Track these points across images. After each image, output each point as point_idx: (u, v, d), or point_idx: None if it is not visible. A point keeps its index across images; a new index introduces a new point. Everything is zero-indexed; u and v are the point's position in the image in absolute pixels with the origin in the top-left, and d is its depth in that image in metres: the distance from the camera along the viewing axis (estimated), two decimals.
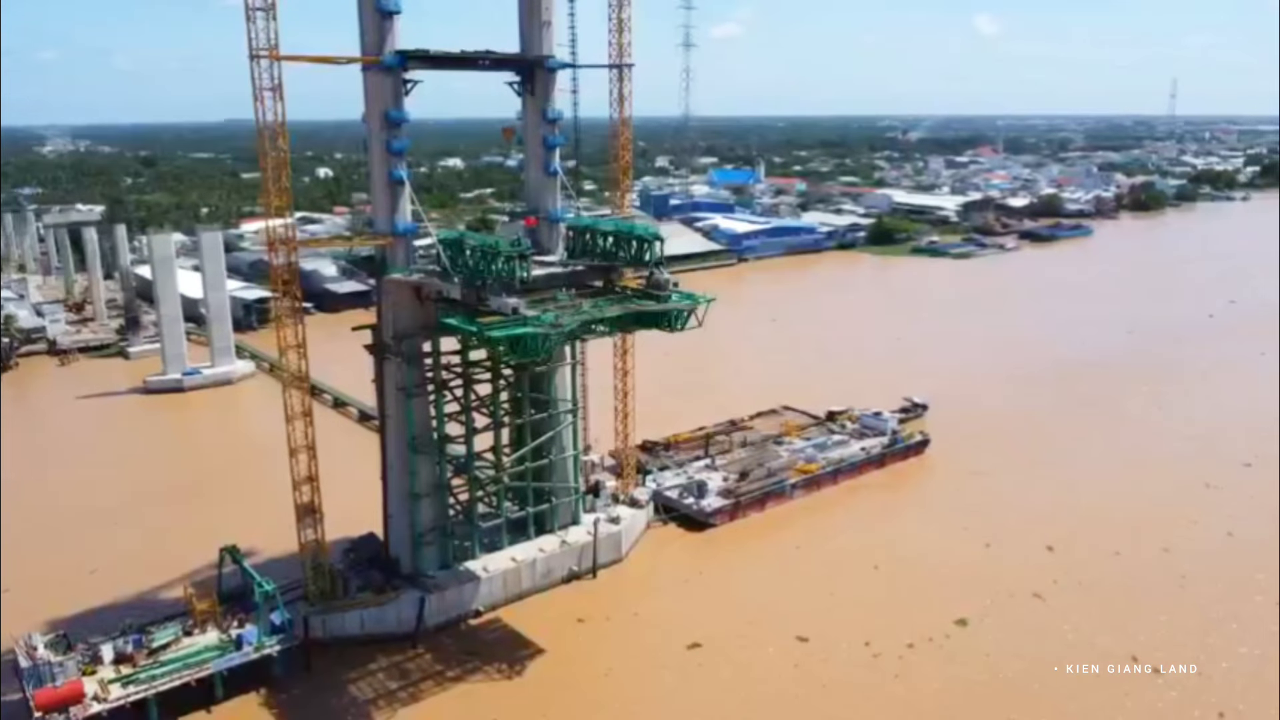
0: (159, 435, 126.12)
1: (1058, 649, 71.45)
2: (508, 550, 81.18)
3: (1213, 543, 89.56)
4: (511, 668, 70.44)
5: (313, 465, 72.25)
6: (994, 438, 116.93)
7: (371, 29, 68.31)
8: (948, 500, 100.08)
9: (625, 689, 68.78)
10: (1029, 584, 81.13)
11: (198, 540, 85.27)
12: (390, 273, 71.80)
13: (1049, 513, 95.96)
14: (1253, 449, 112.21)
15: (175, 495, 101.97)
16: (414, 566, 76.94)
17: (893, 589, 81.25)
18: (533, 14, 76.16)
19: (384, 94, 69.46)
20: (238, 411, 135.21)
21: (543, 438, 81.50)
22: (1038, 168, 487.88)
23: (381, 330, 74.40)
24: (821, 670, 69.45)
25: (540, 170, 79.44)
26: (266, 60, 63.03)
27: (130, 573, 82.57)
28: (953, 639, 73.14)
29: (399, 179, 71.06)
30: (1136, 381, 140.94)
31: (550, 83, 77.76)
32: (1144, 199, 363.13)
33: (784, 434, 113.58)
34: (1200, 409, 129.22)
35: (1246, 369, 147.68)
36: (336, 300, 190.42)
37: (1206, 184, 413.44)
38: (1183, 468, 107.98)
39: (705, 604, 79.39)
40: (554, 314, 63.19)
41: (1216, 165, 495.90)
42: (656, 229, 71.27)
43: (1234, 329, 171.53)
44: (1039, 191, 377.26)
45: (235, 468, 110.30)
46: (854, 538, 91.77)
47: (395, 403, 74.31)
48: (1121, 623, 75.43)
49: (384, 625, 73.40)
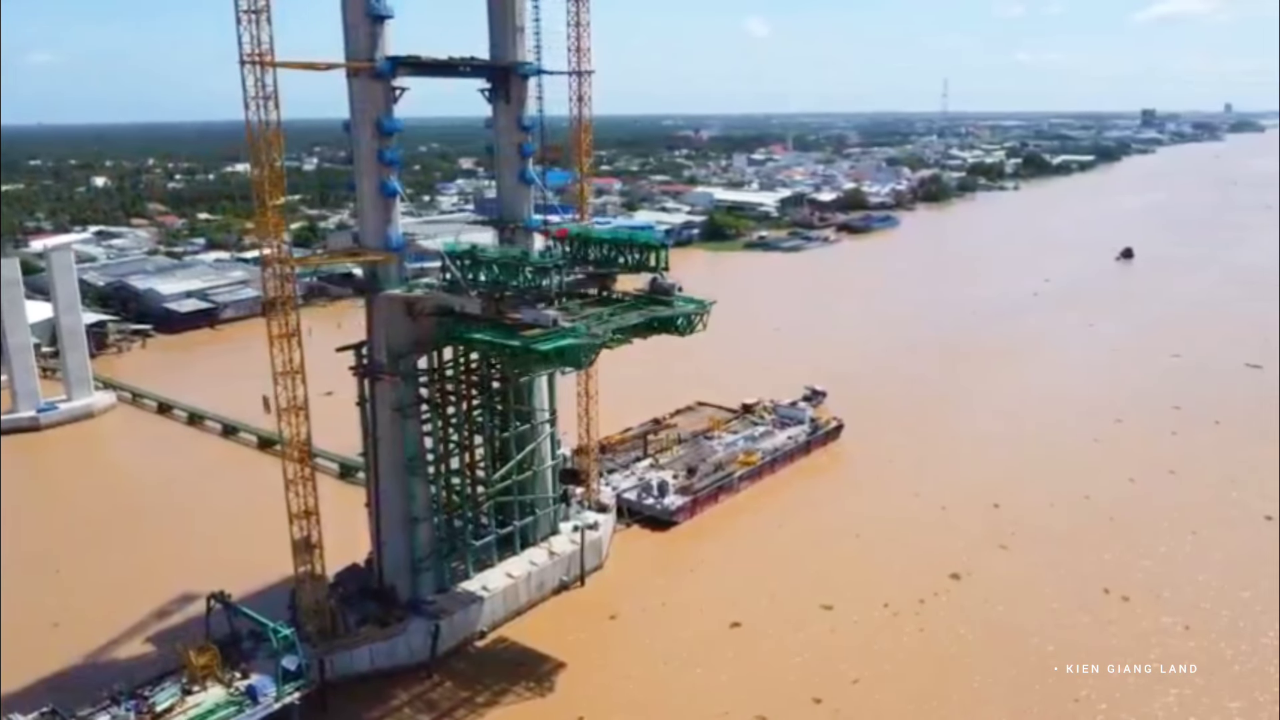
0: (34, 481, 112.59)
1: (1043, 591, 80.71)
2: (500, 567, 79.43)
3: (1121, 488, 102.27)
4: (540, 684, 69.29)
5: (309, 498, 67.86)
6: (893, 415, 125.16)
7: (361, 33, 64.99)
8: (885, 473, 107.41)
9: (671, 678, 70.11)
10: (992, 538, 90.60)
11: (142, 585, 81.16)
12: (385, 289, 68.58)
13: (976, 475, 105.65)
14: (1117, 407, 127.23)
15: (90, 542, 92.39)
16: (412, 593, 73.83)
17: (880, 554, 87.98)
18: (505, 19, 74.73)
19: (375, 101, 66.35)
20: (113, 448, 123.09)
21: (527, 449, 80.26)
22: (828, 164, 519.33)
23: (373, 350, 70.87)
24: (856, 631, 75.38)
25: (514, 178, 78.21)
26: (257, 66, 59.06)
27: (92, 624, 75.66)
28: (953, 591, 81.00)
29: (393, 191, 68.09)
30: (997, 354, 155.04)
31: (524, 89, 76.62)
32: (934, 191, 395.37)
33: (711, 429, 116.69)
34: (1059, 375, 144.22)
35: (1086, 338, 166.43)
36: (178, 321, 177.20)
37: (981, 176, 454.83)
38: (1068, 426, 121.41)
39: (720, 590, 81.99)
40: (586, 323, 62.80)
41: (980, 158, 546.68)
42: (661, 236, 71.75)
43: (1059, 303, 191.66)
44: (840, 186, 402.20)
45: (140, 509, 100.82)
46: (823, 514, 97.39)
47: (389, 425, 71.05)
48: (1082, 562, 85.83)
49: (395, 658, 70.16)
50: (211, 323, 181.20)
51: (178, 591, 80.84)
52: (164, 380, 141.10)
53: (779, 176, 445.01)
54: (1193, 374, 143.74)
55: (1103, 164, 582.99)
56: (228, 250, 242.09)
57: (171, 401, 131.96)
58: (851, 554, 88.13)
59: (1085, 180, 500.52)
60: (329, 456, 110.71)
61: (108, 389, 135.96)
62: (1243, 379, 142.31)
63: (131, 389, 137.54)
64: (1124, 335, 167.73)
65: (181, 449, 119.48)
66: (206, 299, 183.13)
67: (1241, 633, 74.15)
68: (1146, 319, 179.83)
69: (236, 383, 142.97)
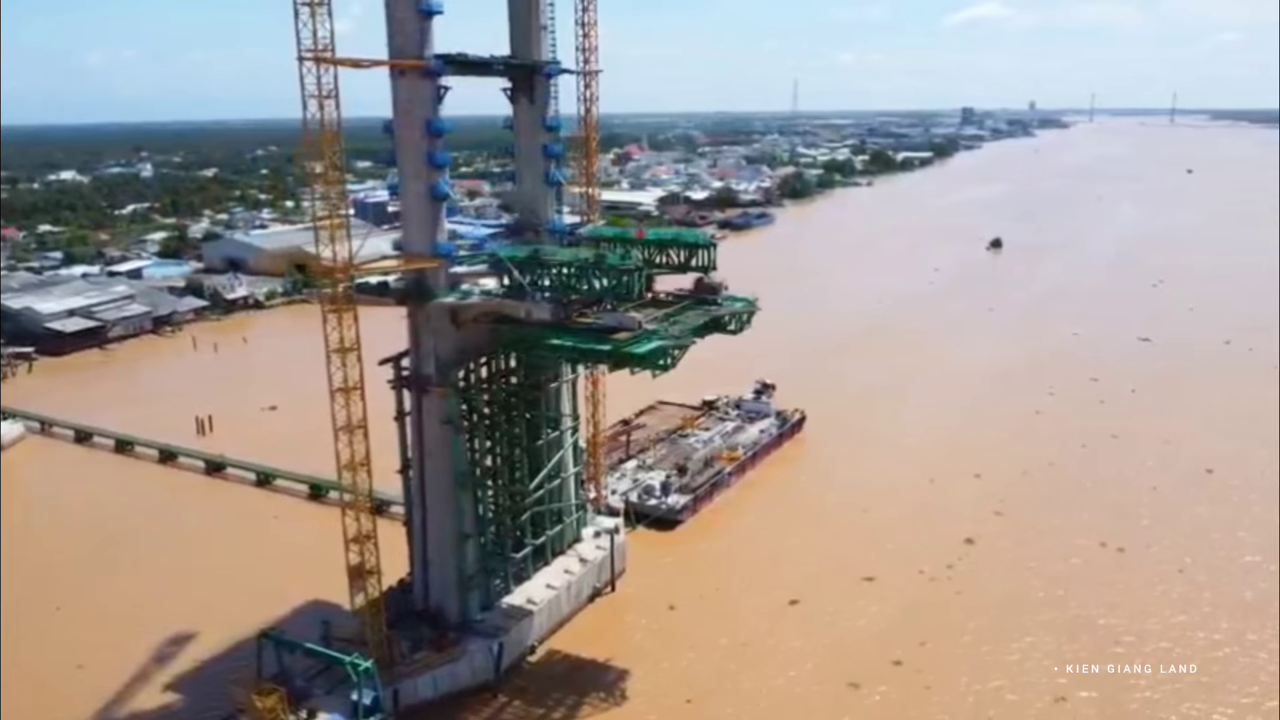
0: None
1: (1048, 549, 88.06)
2: (537, 579, 77.41)
3: (1077, 453, 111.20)
4: (611, 691, 68.30)
5: (364, 518, 64.21)
6: (838, 403, 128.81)
7: (410, 30, 61.88)
8: (860, 456, 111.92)
9: (751, 656, 71.92)
10: (985, 505, 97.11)
11: (145, 624, 77.18)
12: (437, 298, 65.59)
13: (946, 451, 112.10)
14: (1043, 382, 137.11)
15: (69, 583, 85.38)
16: (462, 613, 70.98)
17: (892, 526, 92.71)
18: (528, 18, 72.74)
19: (423, 101, 63.30)
20: (44, 484, 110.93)
21: (557, 456, 78.54)
22: (687, 163, 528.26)
23: (419, 361, 67.63)
24: (902, 598, 79.88)
25: (538, 180, 76.11)
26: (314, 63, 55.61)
27: (115, 666, 70.72)
28: (973, 555, 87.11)
29: (442, 194, 65.15)
30: (917, 340, 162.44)
31: (548, 89, 74.82)
32: (798, 188, 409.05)
33: (684, 427, 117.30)
34: (980, 356, 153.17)
35: (991, 321, 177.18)
36: (62, 342, 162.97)
37: (835, 172, 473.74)
38: (1008, 401, 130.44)
39: (760, 574, 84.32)
40: (663, 325, 62.21)
41: (827, 156, 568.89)
42: (708, 235, 71.53)
43: (953, 290, 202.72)
44: (708, 185, 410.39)
45: (105, 546, 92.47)
46: (820, 497, 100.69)
47: (439, 438, 67.92)
48: (1071, 522, 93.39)
49: (458, 681, 67.46)
50: (100, 343, 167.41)
51: (187, 627, 76.10)
52: (63, 406, 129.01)
53: (646, 176, 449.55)
54: (1094, 349, 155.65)
55: (938, 160, 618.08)
56: (90, 264, 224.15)
57: (91, 429, 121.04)
58: (867, 529, 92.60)
59: (928, 175, 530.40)
60: (295, 477, 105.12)
61: (13, 419, 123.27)
62: (1138, 351, 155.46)
63: (40, 418, 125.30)
64: (1021, 317, 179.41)
65: (119, 480, 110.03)
66: (92, 317, 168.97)
67: (1228, 569, 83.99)
68: (1035, 302, 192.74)
69: (149, 405, 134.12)
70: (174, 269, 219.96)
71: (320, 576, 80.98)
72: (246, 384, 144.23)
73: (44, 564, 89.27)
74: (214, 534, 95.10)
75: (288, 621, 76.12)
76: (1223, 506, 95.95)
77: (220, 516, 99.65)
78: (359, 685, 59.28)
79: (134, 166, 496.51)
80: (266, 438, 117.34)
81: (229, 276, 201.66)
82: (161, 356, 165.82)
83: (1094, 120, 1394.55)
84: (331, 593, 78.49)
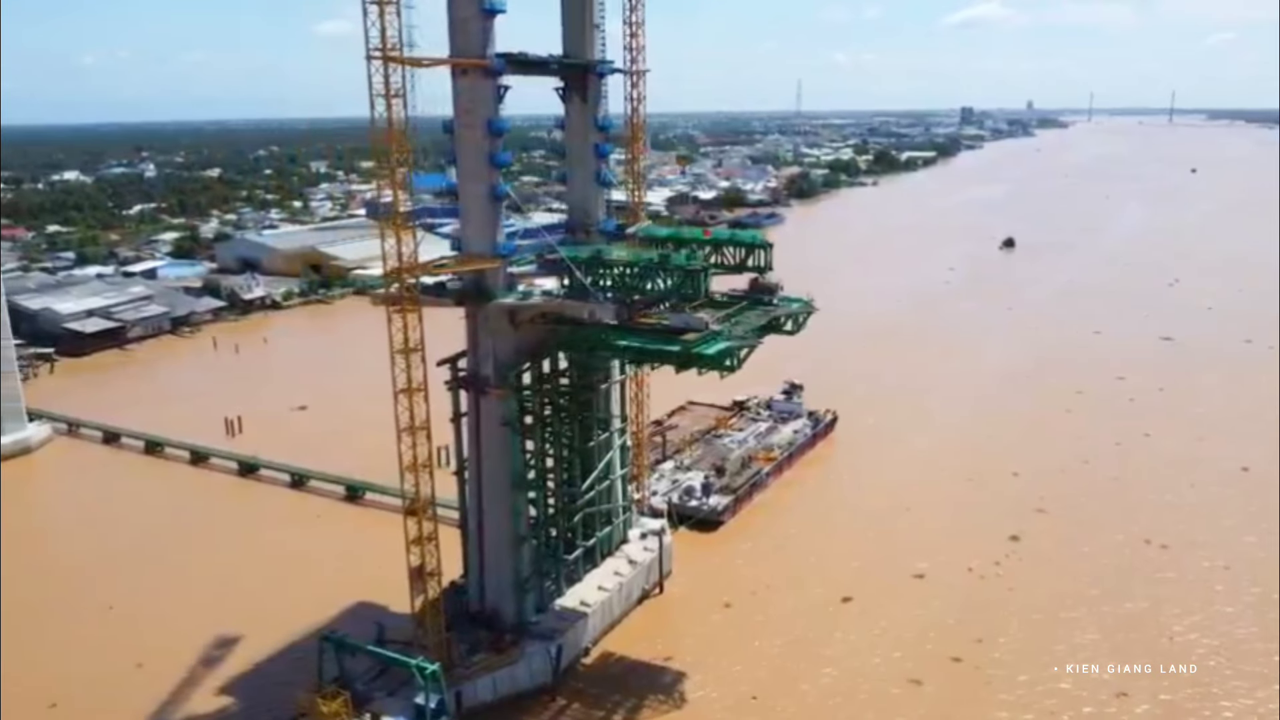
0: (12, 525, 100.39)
1: (1092, 546, 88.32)
2: (588, 581, 77.11)
3: (1111, 451, 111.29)
4: (670, 691, 68.04)
5: (424, 522, 63.77)
6: (867, 402, 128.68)
7: (472, 30, 61.53)
8: (894, 455, 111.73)
9: (810, 653, 72.22)
10: (1026, 503, 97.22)
11: (191, 624, 77.16)
12: (496, 298, 65.20)
13: (980, 449, 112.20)
14: (1070, 380, 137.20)
15: (110, 585, 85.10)
16: (518, 615, 70.61)
17: (936, 525, 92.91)
18: (582, 17, 72.37)
19: (485, 101, 62.90)
20: (69, 486, 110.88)
21: (607, 457, 78.20)
22: (691, 163, 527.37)
23: (477, 362, 67.24)
24: (954, 595, 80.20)
25: (589, 179, 75.77)
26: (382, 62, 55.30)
27: (172, 666, 71.01)
28: (1020, 551, 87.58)
29: (503, 193, 64.76)
30: (941, 338, 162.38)
31: (600, 88, 74.47)
32: (804, 188, 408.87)
33: (718, 427, 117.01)
34: (1004, 355, 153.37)
35: (1011, 320, 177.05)
36: (83, 342, 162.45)
37: (840, 172, 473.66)
38: (1038, 399, 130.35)
39: (808, 572, 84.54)
40: (727, 326, 61.91)
41: (830, 156, 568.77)
42: (763, 235, 71.07)
43: (970, 289, 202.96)
44: (715, 184, 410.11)
45: (142, 548, 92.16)
46: (863, 496, 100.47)
47: (498, 440, 67.55)
48: (1111, 518, 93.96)
49: (516, 684, 67.13)
50: (120, 343, 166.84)
51: (236, 627, 76.35)
52: (88, 407, 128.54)
53: (652, 175, 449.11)
54: (1117, 348, 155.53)
55: (941, 159, 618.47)
56: (104, 264, 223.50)
57: (120, 430, 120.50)
58: (911, 527, 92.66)
59: (933, 174, 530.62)
60: (331, 478, 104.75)
61: (41, 420, 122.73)
62: (1161, 350, 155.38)
63: (67, 419, 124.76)
64: (1041, 317, 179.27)
65: (153, 481, 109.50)
66: (111, 317, 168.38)
67: (1271, 565, 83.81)
68: (1053, 301, 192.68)
69: (175, 406, 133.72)
70: (188, 269, 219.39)
71: (362, 578, 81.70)
72: (272, 384, 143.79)
73: (88, 564, 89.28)
74: (253, 535, 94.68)
75: (335, 624, 75.85)
76: (1262, 504, 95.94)
77: (258, 518, 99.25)
78: (425, 688, 58.91)
79: (137, 167, 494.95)
80: (298, 438, 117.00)
81: (246, 277, 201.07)
82: (182, 357, 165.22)
83: (1092, 120, 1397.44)
84: (376, 594, 78.94)
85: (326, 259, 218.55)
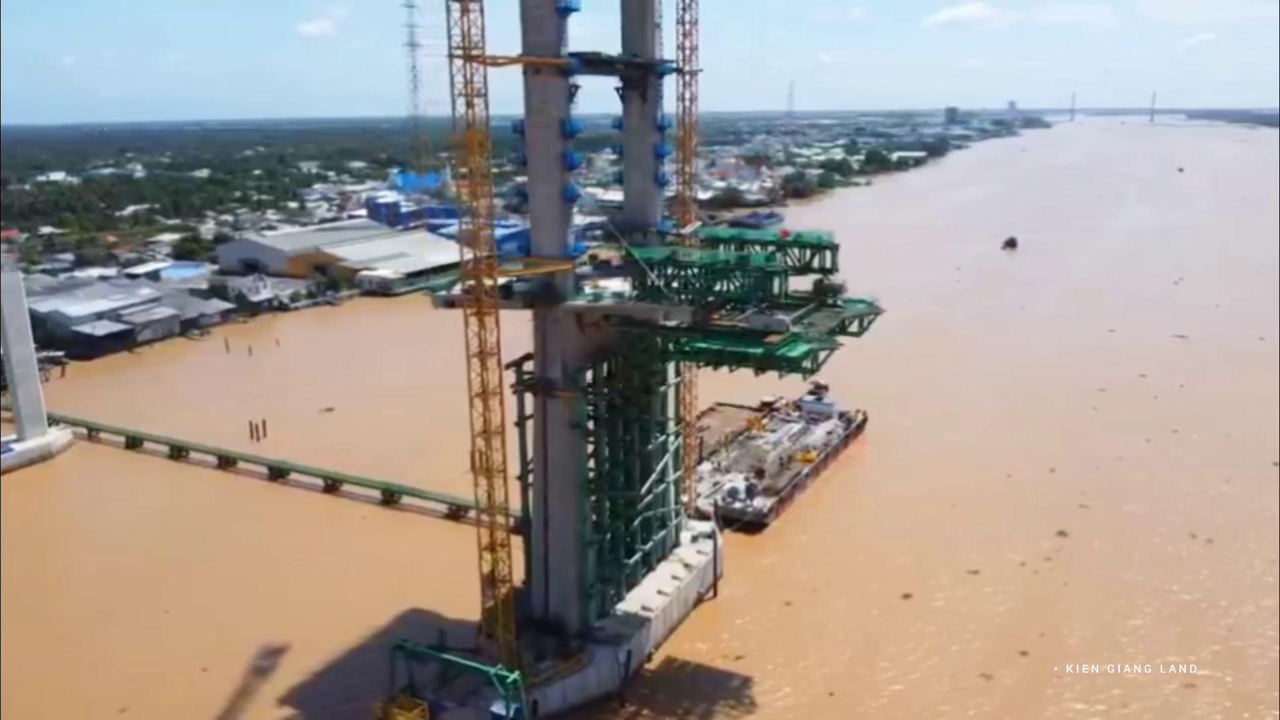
0: (40, 532, 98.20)
1: (1139, 541, 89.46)
2: (645, 585, 76.44)
3: (1142, 448, 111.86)
4: (740, 697, 67.40)
5: (497, 533, 62.82)
6: (892, 400, 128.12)
7: (548, 28, 60.64)
8: (929, 453, 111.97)
9: (877, 651, 72.40)
10: (1068, 499, 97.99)
11: (247, 628, 76.45)
12: (566, 300, 64.37)
13: (1012, 446, 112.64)
14: (1092, 377, 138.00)
15: (159, 592, 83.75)
16: (582, 621, 69.80)
17: (981, 520, 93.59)
18: (643, 16, 71.64)
19: (558, 101, 62.07)
20: (97, 490, 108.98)
21: (663, 460, 77.53)
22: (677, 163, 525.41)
23: (544, 365, 66.37)
24: (1010, 590, 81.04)
25: (646, 179, 75.06)
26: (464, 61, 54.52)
27: (234, 670, 70.49)
28: (1068, 547, 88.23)
29: (574, 195, 63.99)
30: (958, 336, 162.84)
31: (660, 88, 73.80)
32: (800, 188, 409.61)
33: (749, 428, 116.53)
34: (1024, 351, 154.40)
35: (1026, 319, 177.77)
36: (93, 345, 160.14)
37: (835, 172, 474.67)
38: (1063, 396, 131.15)
39: (862, 571, 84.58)
40: (804, 329, 61.35)
41: (821, 156, 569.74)
42: (830, 235, 70.41)
43: (980, 288, 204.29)
44: (710, 185, 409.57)
45: (181, 553, 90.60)
46: (905, 494, 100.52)
47: (565, 443, 66.73)
48: (1152, 513, 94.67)
49: (585, 691, 66.35)
50: (130, 346, 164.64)
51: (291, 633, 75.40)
52: (104, 412, 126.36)
53: None
54: (1132, 346, 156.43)
55: (932, 159, 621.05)
56: (101, 266, 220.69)
57: (143, 434, 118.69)
58: (958, 524, 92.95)
59: (925, 174, 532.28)
60: (367, 483, 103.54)
61: (60, 425, 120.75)
62: (1176, 347, 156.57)
63: (86, 423, 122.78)
64: (1054, 315, 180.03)
65: (182, 487, 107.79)
66: (120, 320, 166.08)
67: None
68: (1064, 300, 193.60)
69: (193, 409, 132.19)
70: (191, 271, 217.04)
71: (408, 584, 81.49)
72: (291, 387, 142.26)
73: (132, 569, 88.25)
74: (293, 540, 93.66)
75: (388, 630, 75.25)
76: None
77: (295, 522, 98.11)
78: (507, 697, 58.07)
79: (125, 167, 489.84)
80: (326, 441, 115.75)
81: (253, 278, 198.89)
82: (194, 360, 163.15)
83: (1075, 120, 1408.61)
84: (424, 600, 78.37)
85: (333, 260, 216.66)
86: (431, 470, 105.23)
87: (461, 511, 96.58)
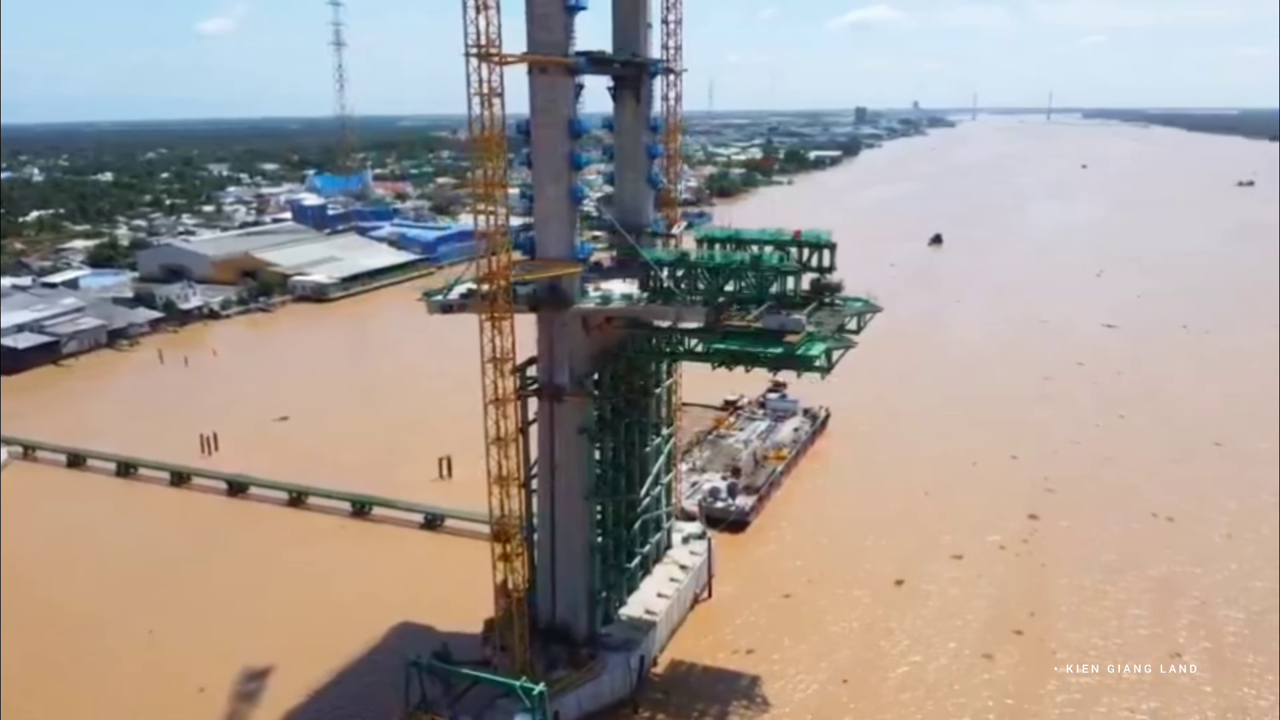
0: None
1: (1106, 521, 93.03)
2: (645, 588, 75.89)
3: (1094, 432, 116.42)
4: (751, 694, 67.63)
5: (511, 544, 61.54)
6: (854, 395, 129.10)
7: (556, 26, 59.60)
8: (894, 445, 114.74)
9: (882, 638, 74.01)
10: (1034, 484, 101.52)
11: (236, 648, 74.09)
12: (573, 303, 63.40)
13: (970, 435, 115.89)
14: (1035, 366, 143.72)
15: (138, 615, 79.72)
16: (590, 627, 68.90)
17: (955, 507, 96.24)
18: (635, 15, 71.01)
19: (565, 100, 61.11)
20: (43, 513, 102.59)
21: (659, 462, 77.09)
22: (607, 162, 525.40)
23: (551, 369, 65.24)
24: (994, 574, 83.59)
25: (639, 180, 74.52)
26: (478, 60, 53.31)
27: (230, 690, 68.24)
28: (1041, 529, 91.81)
29: (581, 195, 63.07)
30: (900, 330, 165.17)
31: (651, 88, 73.32)
32: (725, 187, 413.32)
33: (717, 427, 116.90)
34: (966, 343, 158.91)
35: (963, 311, 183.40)
36: (17, 359, 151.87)
37: (756, 171, 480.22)
38: (1011, 385, 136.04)
39: (851, 561, 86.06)
40: (818, 327, 61.66)
41: (739, 155, 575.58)
42: (828, 235, 70.73)
43: (915, 283, 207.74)
44: None
45: (145, 574, 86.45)
46: (879, 485, 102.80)
47: (573, 448, 65.76)
48: (1115, 495, 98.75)
49: (599, 699, 65.61)
50: (55, 358, 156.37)
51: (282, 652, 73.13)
52: (40, 429, 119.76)
53: None
54: (1066, 336, 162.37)
55: (847, 158, 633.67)
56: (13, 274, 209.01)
57: (86, 451, 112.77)
58: (935, 511, 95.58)
59: (841, 172, 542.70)
60: (333, 494, 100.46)
61: None
62: (1107, 336, 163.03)
63: (22, 441, 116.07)
64: (988, 308, 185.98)
65: (134, 506, 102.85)
66: (44, 332, 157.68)
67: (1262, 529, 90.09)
68: (994, 293, 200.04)
69: (136, 424, 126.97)
70: (111, 279, 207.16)
71: (394, 597, 79.51)
72: (238, 397, 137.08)
73: (102, 591, 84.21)
74: (265, 557, 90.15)
75: (382, 645, 73.68)
76: (1239, 476, 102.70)
77: (263, 539, 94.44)
78: (532, 710, 56.92)
79: (20, 171, 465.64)
80: (284, 453, 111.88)
81: (181, 285, 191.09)
82: (127, 372, 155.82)
83: (977, 119, 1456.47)
84: (413, 613, 76.66)
85: (262, 265, 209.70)
86: (400, 479, 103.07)
87: (439, 521, 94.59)
